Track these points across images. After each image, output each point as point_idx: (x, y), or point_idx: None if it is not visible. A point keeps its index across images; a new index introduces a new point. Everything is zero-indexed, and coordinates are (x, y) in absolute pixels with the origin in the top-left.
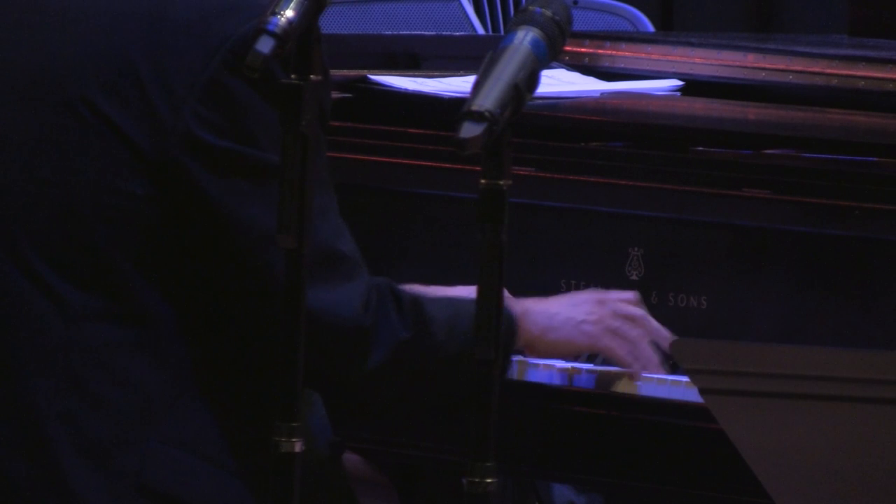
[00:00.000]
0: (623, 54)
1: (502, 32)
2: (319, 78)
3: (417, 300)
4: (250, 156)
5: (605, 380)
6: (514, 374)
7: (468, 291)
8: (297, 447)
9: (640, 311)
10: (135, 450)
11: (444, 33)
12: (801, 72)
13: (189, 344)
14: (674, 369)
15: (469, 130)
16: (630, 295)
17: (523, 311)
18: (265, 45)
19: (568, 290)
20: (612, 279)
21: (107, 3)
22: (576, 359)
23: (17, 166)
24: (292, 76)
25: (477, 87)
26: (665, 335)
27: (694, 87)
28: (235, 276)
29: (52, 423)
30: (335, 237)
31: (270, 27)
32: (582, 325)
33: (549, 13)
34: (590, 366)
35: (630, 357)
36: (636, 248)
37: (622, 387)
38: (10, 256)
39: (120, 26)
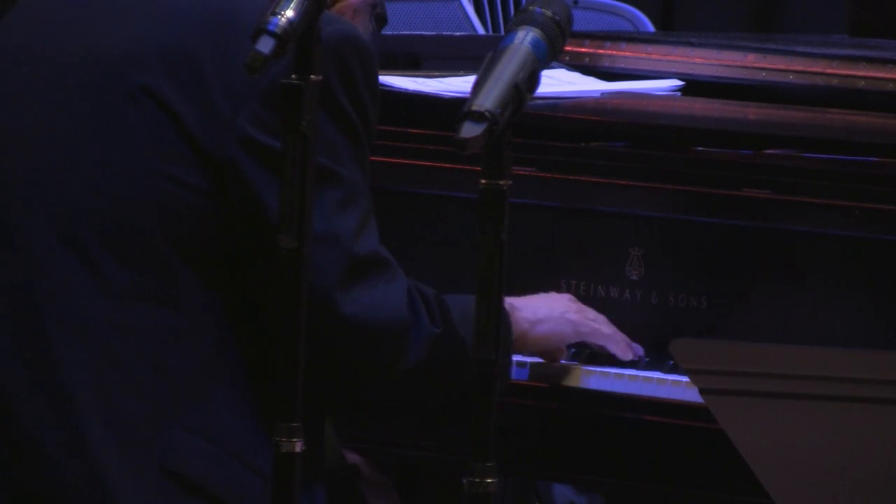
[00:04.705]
0: (623, 54)
1: (502, 32)
2: (320, 78)
3: (437, 295)
4: None
5: (603, 378)
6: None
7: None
8: (297, 447)
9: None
10: (161, 433)
11: (444, 33)
12: (801, 72)
13: (224, 337)
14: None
15: (469, 130)
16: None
17: (509, 307)
18: (265, 45)
19: (568, 290)
20: (612, 279)
21: None
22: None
23: (69, 147)
24: (292, 76)
25: (477, 87)
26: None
27: (694, 87)
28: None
29: (82, 394)
30: (375, 243)
31: (270, 27)
32: (566, 314)
33: (549, 13)
34: (591, 367)
35: (614, 339)
36: (636, 248)
37: (621, 386)
38: (57, 232)
39: (184, 20)
